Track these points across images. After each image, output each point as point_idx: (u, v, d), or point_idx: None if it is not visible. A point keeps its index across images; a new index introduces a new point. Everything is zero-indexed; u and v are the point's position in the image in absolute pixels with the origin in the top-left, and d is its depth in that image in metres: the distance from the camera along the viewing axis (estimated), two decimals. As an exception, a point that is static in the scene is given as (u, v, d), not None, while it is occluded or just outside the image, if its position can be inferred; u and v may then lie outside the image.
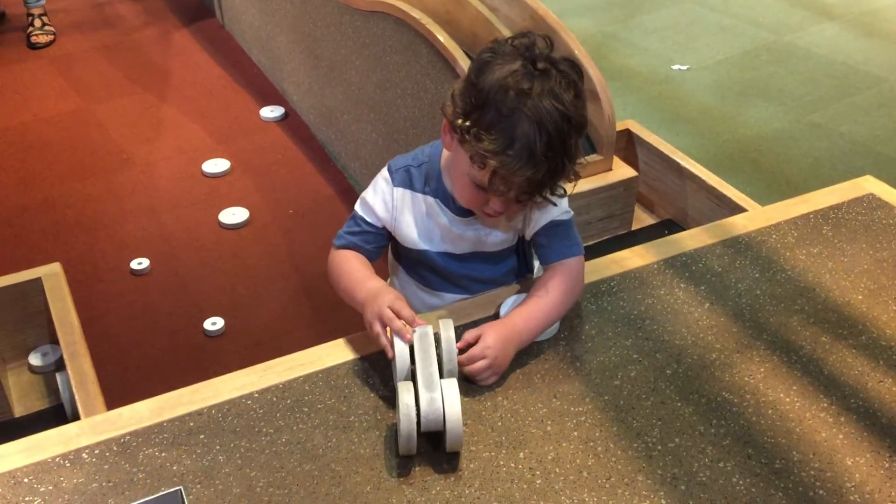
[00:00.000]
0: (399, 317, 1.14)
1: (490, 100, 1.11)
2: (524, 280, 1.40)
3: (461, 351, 1.15)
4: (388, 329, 1.15)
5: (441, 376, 1.10)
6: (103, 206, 2.76)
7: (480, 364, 1.15)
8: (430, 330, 1.14)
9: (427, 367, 1.09)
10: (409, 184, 1.30)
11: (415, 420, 1.04)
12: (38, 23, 3.78)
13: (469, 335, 1.17)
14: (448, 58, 2.05)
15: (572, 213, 1.30)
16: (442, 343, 1.13)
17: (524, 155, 1.10)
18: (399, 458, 1.07)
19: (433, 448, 1.08)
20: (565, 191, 1.24)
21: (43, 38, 3.76)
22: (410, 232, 1.31)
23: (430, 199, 1.29)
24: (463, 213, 1.28)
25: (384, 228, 1.33)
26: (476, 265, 1.35)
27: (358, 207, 1.34)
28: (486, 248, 1.33)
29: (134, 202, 2.78)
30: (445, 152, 1.26)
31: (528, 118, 1.09)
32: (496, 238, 1.31)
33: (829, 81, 3.48)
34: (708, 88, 3.46)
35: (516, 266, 1.39)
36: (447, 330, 1.14)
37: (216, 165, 2.92)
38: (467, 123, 1.13)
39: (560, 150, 1.11)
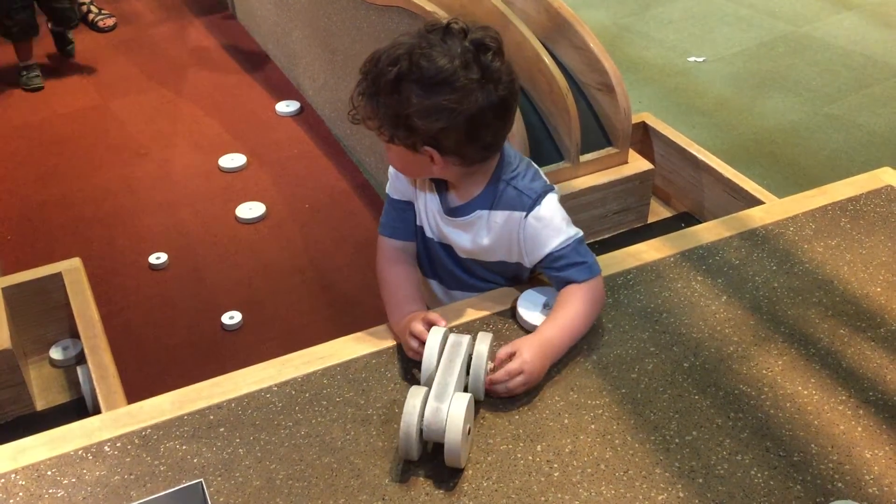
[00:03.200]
0: (415, 336, 1.18)
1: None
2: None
3: (495, 369, 1.14)
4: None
5: (464, 389, 1.09)
6: (121, 201, 2.78)
7: (518, 380, 1.14)
8: (465, 340, 1.13)
9: (446, 376, 1.07)
10: None
11: (415, 426, 1.02)
12: (94, 9, 3.92)
13: (503, 353, 1.16)
14: (463, 51, 2.04)
15: (580, 233, 1.25)
16: (473, 357, 1.12)
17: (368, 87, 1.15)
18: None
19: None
20: (437, 142, 1.17)
21: (109, 22, 3.90)
22: (423, 219, 1.32)
23: (434, 196, 1.30)
24: (449, 210, 1.27)
25: (412, 203, 1.33)
26: (472, 263, 1.34)
27: (388, 188, 1.36)
28: (478, 254, 1.31)
29: (151, 197, 2.80)
30: None
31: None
32: (483, 248, 1.29)
33: (846, 72, 3.45)
34: (724, 80, 3.44)
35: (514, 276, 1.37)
36: (481, 343, 1.12)
37: (232, 160, 2.94)
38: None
39: (389, 88, 1.13)
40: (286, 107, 3.25)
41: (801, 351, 1.23)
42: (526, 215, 1.23)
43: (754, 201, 2.02)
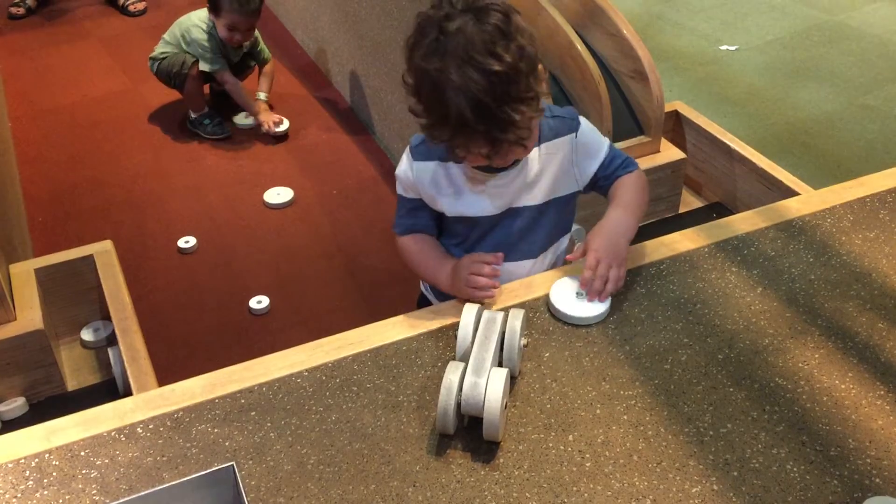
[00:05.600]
0: (481, 274, 1.23)
1: (419, 84, 1.16)
2: (564, 254, 1.42)
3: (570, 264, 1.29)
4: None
5: (499, 364, 1.09)
6: (150, 184, 2.80)
7: (602, 268, 1.23)
8: (499, 317, 1.14)
9: (482, 351, 1.08)
10: (428, 155, 1.31)
11: (454, 399, 1.04)
12: None
13: (577, 252, 1.27)
14: (495, 38, 2.03)
15: (609, 141, 1.36)
16: (507, 333, 1.13)
17: (459, 125, 1.13)
18: (448, 438, 1.07)
19: (481, 430, 1.08)
20: (533, 115, 1.17)
21: (140, 6, 3.89)
22: (443, 200, 1.32)
23: (455, 164, 1.30)
24: (493, 168, 1.27)
25: (421, 199, 1.35)
26: (514, 221, 1.34)
27: (397, 187, 1.38)
28: (530, 200, 1.32)
29: (180, 181, 2.82)
30: None
31: (453, 90, 1.11)
32: (540, 187, 1.31)
33: (882, 62, 3.39)
34: (757, 69, 3.39)
35: (557, 222, 1.38)
36: (514, 319, 1.14)
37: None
38: (415, 100, 1.19)
39: (496, 106, 1.11)
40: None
41: (838, 344, 1.21)
42: (575, 135, 1.32)
43: (789, 192, 1.99)
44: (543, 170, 1.31)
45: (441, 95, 1.12)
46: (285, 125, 2.99)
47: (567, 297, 1.26)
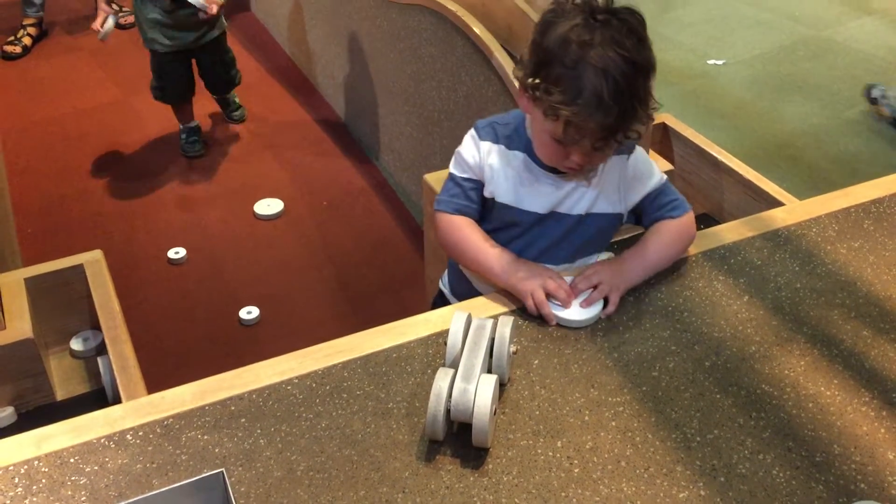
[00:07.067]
0: (556, 297, 1.25)
1: (555, 55, 1.16)
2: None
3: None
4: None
5: (488, 371, 1.10)
6: (140, 196, 2.80)
7: (594, 278, 1.26)
8: (488, 324, 1.14)
9: (472, 358, 1.09)
10: (495, 138, 1.33)
11: (443, 405, 1.05)
12: (115, 6, 3.86)
13: (579, 278, 1.29)
14: (484, 50, 2.05)
15: (665, 177, 1.37)
16: (496, 340, 1.14)
17: (593, 102, 1.14)
18: (437, 444, 1.08)
19: (470, 437, 1.09)
20: (640, 134, 1.24)
21: (130, 18, 3.82)
22: (499, 184, 1.33)
23: (519, 154, 1.32)
24: (551, 170, 1.30)
25: (479, 181, 1.35)
26: (554, 226, 1.35)
27: (452, 167, 1.38)
28: (571, 208, 1.33)
29: (171, 192, 2.82)
30: (528, 116, 1.31)
31: (593, 67, 1.13)
32: (584, 199, 1.33)
33: (867, 77, 3.43)
34: (744, 83, 3.42)
35: (590, 238, 1.39)
36: (503, 327, 1.15)
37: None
38: (536, 80, 1.18)
39: (628, 94, 1.14)
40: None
41: (823, 352, 1.22)
42: (628, 157, 1.32)
43: (775, 203, 2.00)
44: (592, 182, 1.32)
45: (581, 71, 1.14)
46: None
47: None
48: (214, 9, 2.68)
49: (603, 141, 1.18)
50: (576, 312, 1.25)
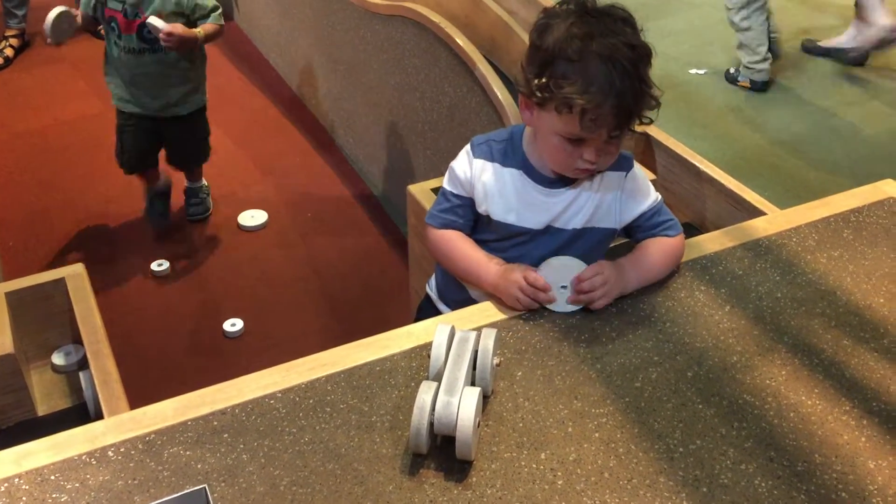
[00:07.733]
0: (536, 287, 1.27)
1: (558, 52, 1.20)
2: None
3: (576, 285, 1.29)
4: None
5: (472, 384, 1.10)
6: (123, 208, 2.79)
7: (597, 280, 1.27)
8: (471, 336, 1.15)
9: (455, 371, 1.09)
10: (490, 156, 1.35)
11: (427, 419, 1.04)
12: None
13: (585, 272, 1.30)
14: (467, 61, 2.06)
15: (660, 196, 1.40)
16: (479, 352, 1.14)
17: (606, 87, 1.17)
18: (421, 458, 1.08)
19: (454, 450, 1.09)
20: (651, 119, 1.28)
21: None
22: (495, 201, 1.34)
23: (514, 171, 1.34)
24: (548, 182, 1.32)
25: (470, 198, 1.37)
26: (550, 240, 1.36)
27: (445, 182, 1.40)
28: (567, 223, 1.35)
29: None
30: (527, 129, 1.33)
31: (598, 55, 1.18)
32: (580, 214, 1.35)
33: (847, 86, 3.47)
34: (726, 93, 3.45)
35: (584, 253, 1.38)
36: (487, 339, 1.15)
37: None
38: (543, 80, 1.21)
39: (636, 76, 1.19)
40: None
41: (804, 361, 1.23)
42: (626, 174, 1.35)
43: (756, 212, 2.02)
44: (590, 197, 1.34)
45: (588, 61, 1.18)
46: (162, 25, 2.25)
47: (552, 282, 1.29)
48: (179, 28, 2.24)
49: (618, 128, 1.22)
50: (562, 303, 1.30)
